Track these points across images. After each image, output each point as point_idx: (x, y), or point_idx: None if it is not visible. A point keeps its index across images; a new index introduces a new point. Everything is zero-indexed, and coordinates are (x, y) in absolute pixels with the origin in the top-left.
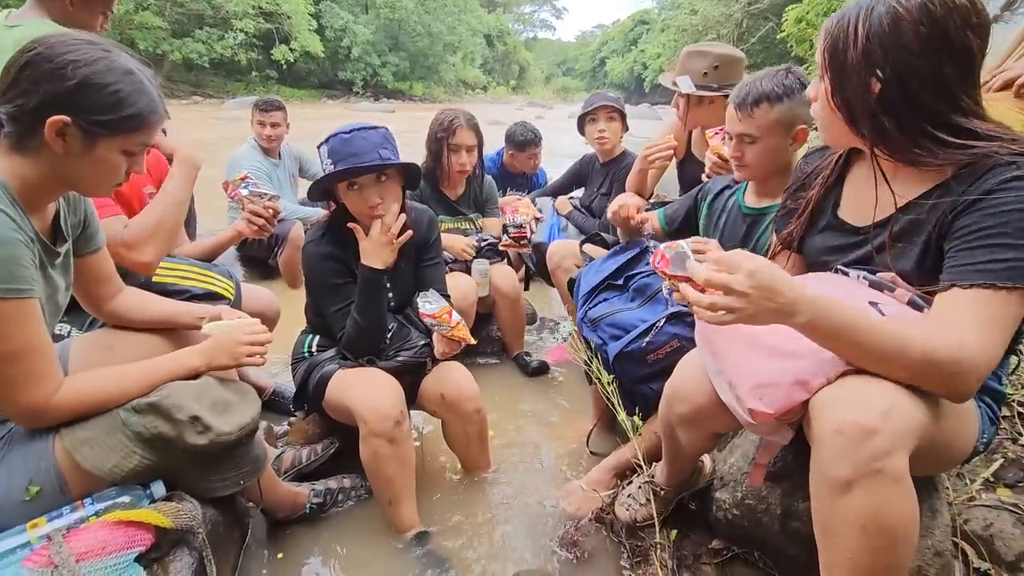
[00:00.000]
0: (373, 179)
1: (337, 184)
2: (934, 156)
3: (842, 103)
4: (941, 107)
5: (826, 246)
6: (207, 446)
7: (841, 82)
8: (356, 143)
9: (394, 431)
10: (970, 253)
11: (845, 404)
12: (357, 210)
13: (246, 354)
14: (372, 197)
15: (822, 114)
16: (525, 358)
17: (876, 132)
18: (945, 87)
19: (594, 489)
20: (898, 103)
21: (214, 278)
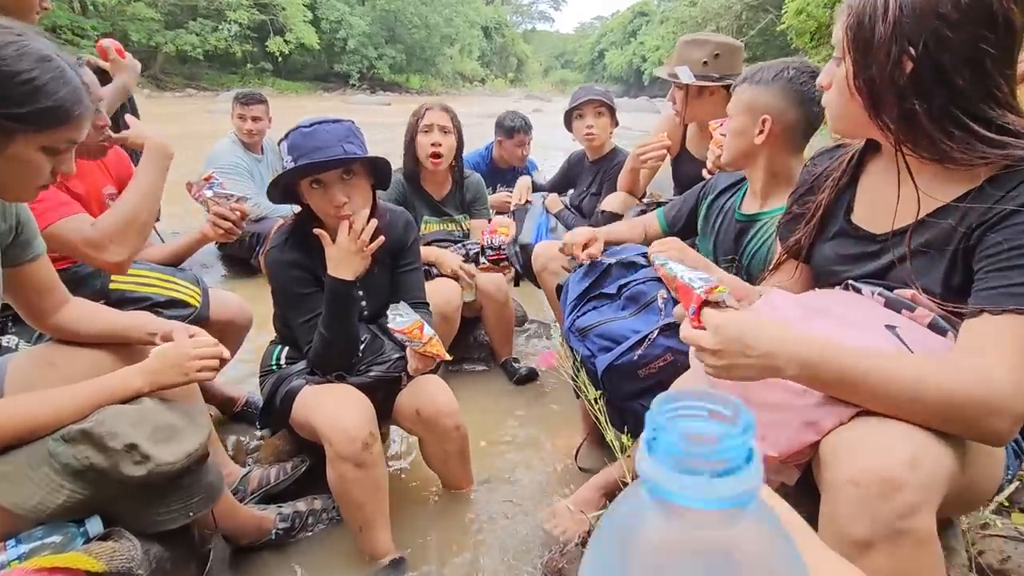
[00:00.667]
0: (338, 176)
1: (299, 183)
2: (968, 151)
3: (865, 85)
4: (976, 92)
5: (838, 255)
6: (146, 477)
7: (866, 61)
8: (318, 136)
9: (362, 454)
10: (1003, 274)
11: (863, 449)
12: (322, 211)
13: (197, 368)
14: (337, 196)
15: (838, 101)
16: (513, 365)
17: (904, 119)
18: (982, 68)
19: (581, 510)
20: (931, 84)
21: (179, 284)
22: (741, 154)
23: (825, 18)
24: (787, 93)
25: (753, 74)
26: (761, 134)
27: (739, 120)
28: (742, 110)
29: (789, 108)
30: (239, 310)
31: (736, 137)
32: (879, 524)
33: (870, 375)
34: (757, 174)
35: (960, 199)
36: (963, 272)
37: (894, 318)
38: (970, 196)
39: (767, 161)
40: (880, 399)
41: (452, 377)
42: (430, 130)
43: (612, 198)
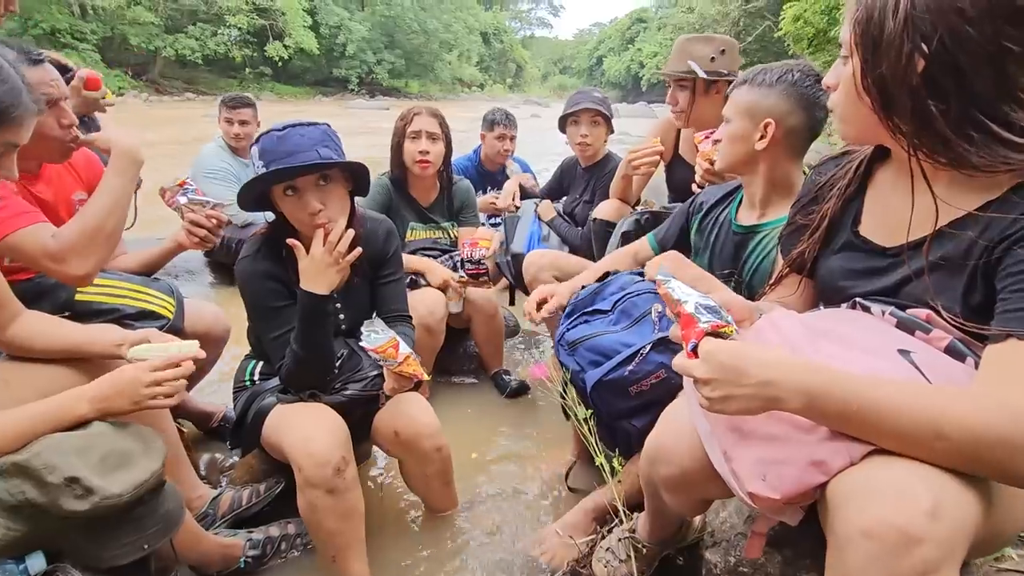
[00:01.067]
0: (313, 182)
1: (272, 190)
2: (989, 156)
3: (874, 85)
4: (997, 93)
5: (844, 269)
6: (91, 511)
7: (875, 59)
8: (291, 141)
9: (334, 480)
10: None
11: (877, 496)
12: (297, 219)
13: (150, 396)
14: (312, 203)
15: (845, 103)
16: (504, 377)
17: (917, 120)
18: (1003, 67)
19: (570, 536)
20: (947, 84)
21: (151, 295)
22: (740, 161)
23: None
24: (791, 96)
25: (754, 76)
26: (763, 139)
27: (739, 124)
28: (742, 113)
29: (793, 112)
30: (215, 320)
31: (735, 143)
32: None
33: (884, 409)
34: (756, 182)
35: (981, 209)
36: (984, 290)
37: (908, 341)
38: (992, 206)
39: (767, 168)
40: (896, 437)
41: (440, 390)
42: (418, 137)
43: (604, 206)
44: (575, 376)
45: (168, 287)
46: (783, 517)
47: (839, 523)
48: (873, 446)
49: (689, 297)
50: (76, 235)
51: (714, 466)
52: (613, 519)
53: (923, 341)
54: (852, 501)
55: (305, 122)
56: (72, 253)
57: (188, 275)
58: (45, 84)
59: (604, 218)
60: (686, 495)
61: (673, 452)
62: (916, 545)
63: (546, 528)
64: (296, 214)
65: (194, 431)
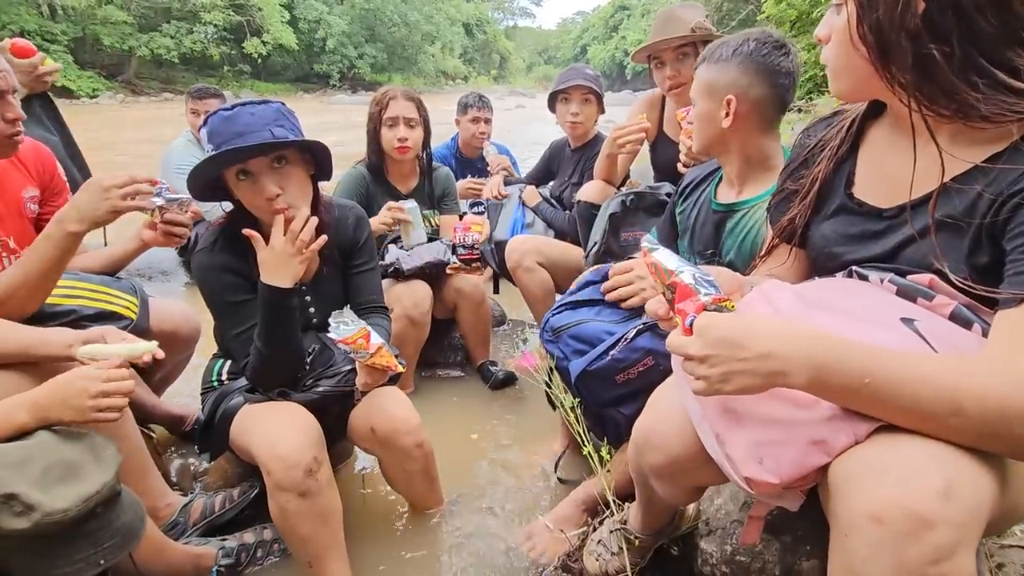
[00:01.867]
0: (268, 164)
1: (226, 176)
2: (996, 105)
3: (872, 32)
4: (1003, 36)
5: (838, 234)
6: (33, 529)
7: (872, 4)
8: (241, 120)
9: (305, 482)
10: None
11: (884, 476)
12: (254, 206)
13: (97, 408)
14: (268, 187)
15: (838, 54)
16: (490, 368)
17: (919, 68)
18: (1009, 7)
19: (561, 529)
20: (949, 26)
21: (112, 294)
22: (711, 141)
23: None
24: (749, 68)
25: (711, 53)
26: (728, 116)
27: (703, 105)
28: (704, 93)
29: (753, 84)
30: (184, 320)
31: (703, 123)
32: (907, 571)
33: (896, 382)
34: (731, 159)
35: (988, 161)
36: (990, 250)
37: (910, 309)
38: (1001, 158)
39: (739, 145)
40: (909, 412)
41: (424, 384)
42: (395, 124)
43: (589, 187)
44: (560, 364)
45: (131, 286)
46: (782, 502)
47: (843, 507)
48: (879, 423)
49: (684, 267)
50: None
51: (707, 451)
52: (604, 510)
53: (926, 308)
54: (857, 483)
55: (256, 100)
56: None
57: (162, 275)
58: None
59: (588, 200)
60: (677, 483)
61: (662, 438)
62: (928, 529)
63: (536, 522)
64: (253, 200)
65: (166, 435)
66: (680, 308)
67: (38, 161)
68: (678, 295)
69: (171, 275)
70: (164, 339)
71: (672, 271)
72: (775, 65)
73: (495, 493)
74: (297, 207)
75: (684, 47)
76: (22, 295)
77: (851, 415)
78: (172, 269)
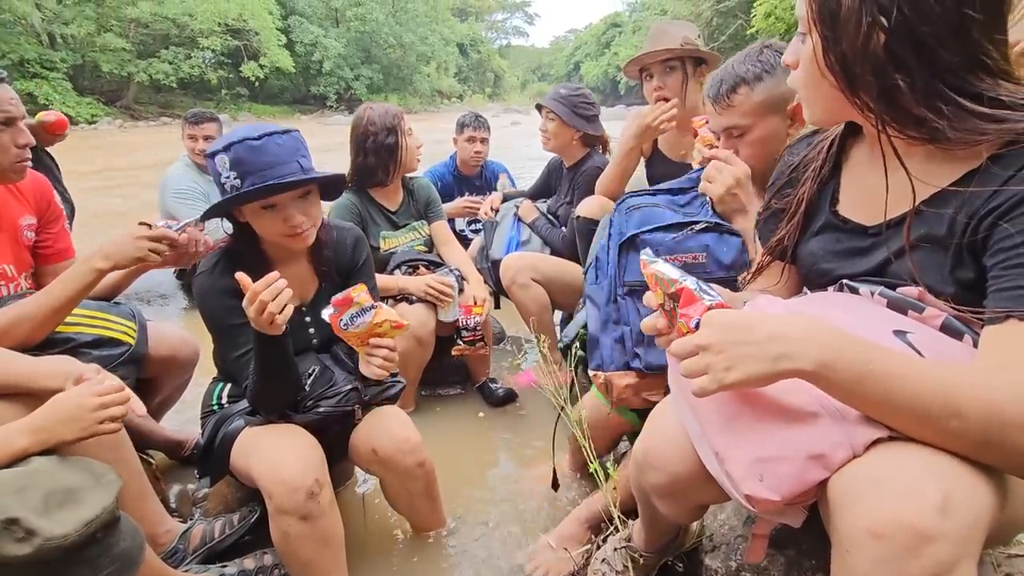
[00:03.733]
0: (295, 196)
1: (245, 207)
2: (961, 128)
3: (837, 62)
4: (963, 63)
5: (826, 251)
6: (33, 555)
7: (835, 35)
8: (270, 150)
9: (307, 505)
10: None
11: (882, 491)
12: (272, 232)
13: (98, 421)
14: (295, 217)
15: (807, 82)
16: (490, 386)
17: (883, 96)
18: (968, 36)
19: (565, 548)
20: (910, 57)
21: (110, 320)
22: (773, 158)
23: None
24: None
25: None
26: (795, 122)
27: (762, 127)
28: (757, 116)
29: None
30: (182, 344)
31: (766, 144)
32: None
33: (899, 379)
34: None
35: (960, 182)
36: (972, 266)
37: (902, 322)
38: (973, 178)
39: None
40: (908, 412)
41: (425, 403)
42: (412, 134)
43: (587, 202)
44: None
45: (129, 311)
46: (785, 519)
47: (843, 523)
48: (877, 434)
49: (686, 277)
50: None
51: (707, 470)
52: (608, 527)
53: (917, 320)
54: (856, 498)
55: (278, 129)
56: None
57: (160, 299)
58: (5, 101)
59: (587, 215)
60: (679, 502)
61: (662, 457)
62: (927, 544)
63: (539, 541)
64: (273, 228)
65: (165, 461)
66: (685, 313)
67: (35, 189)
68: (683, 301)
69: (169, 299)
70: (163, 363)
71: (675, 279)
72: None
73: (496, 512)
74: (316, 226)
75: (671, 61)
76: (32, 325)
77: (849, 427)
78: (171, 293)
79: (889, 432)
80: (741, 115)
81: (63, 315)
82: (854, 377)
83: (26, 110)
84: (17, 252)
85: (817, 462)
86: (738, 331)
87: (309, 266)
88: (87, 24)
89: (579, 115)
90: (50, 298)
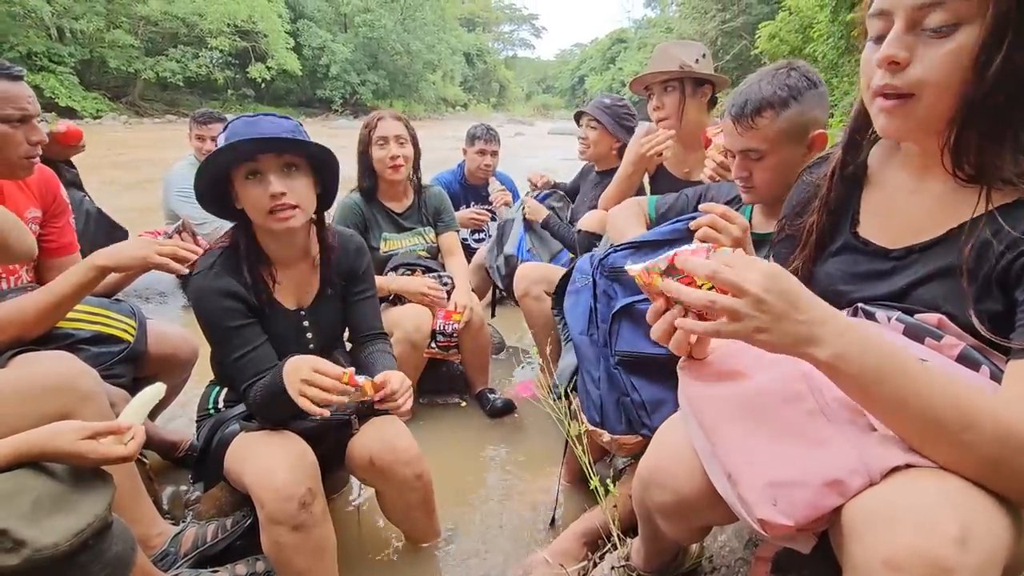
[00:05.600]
0: (279, 167)
1: (234, 181)
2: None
3: (1007, 70)
4: None
5: (844, 273)
6: (23, 565)
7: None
8: (263, 124)
9: (299, 515)
10: None
11: (901, 521)
12: (257, 207)
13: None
14: (275, 184)
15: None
16: (488, 396)
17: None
18: None
19: (560, 563)
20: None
21: (110, 317)
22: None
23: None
24: (819, 99)
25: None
26: (812, 150)
27: (780, 153)
28: (777, 143)
29: (824, 112)
30: (182, 342)
31: (780, 171)
32: None
33: (914, 382)
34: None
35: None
36: (1001, 299)
37: (919, 350)
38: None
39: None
40: (921, 419)
41: (422, 411)
42: (386, 143)
43: (589, 217)
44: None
45: (129, 309)
46: (794, 544)
47: (858, 551)
48: (894, 464)
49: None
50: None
51: (716, 490)
52: (605, 544)
53: (933, 349)
54: (872, 527)
55: (278, 115)
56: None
57: (159, 297)
58: (22, 99)
59: (589, 230)
60: (684, 522)
61: (669, 476)
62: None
63: (535, 556)
64: (258, 201)
65: (159, 461)
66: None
67: (42, 182)
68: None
69: (169, 296)
70: (162, 362)
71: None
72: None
73: (492, 525)
74: (303, 209)
75: (671, 82)
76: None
77: (867, 452)
78: (170, 291)
79: (907, 460)
80: (763, 139)
81: (62, 312)
82: (868, 375)
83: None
84: None
85: (833, 489)
86: (793, 306)
87: (310, 269)
88: (96, 20)
89: (622, 126)
90: (50, 295)
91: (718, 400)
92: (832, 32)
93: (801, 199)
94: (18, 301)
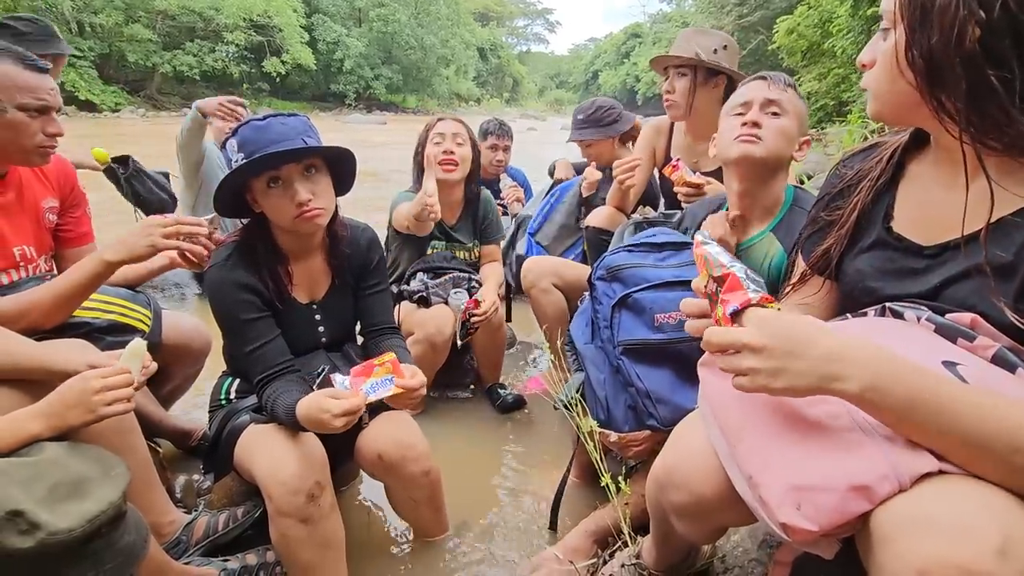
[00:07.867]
0: (300, 172)
1: (252, 187)
2: None
3: (922, 57)
4: None
5: (875, 269)
6: (36, 548)
7: (924, 29)
8: (274, 129)
9: (307, 508)
10: None
11: (936, 530)
12: (281, 213)
13: (105, 403)
14: (301, 192)
15: (881, 79)
16: (499, 391)
17: (972, 96)
18: None
19: (570, 560)
20: (1006, 51)
21: (127, 307)
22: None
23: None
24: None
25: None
26: (800, 152)
27: (792, 123)
28: (794, 114)
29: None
30: (196, 333)
31: (782, 138)
32: None
33: (955, 407)
34: (761, 193)
35: None
36: None
37: (952, 351)
38: None
39: (780, 180)
40: (965, 443)
41: (433, 405)
42: (441, 140)
43: (597, 213)
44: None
45: (146, 299)
46: (817, 550)
47: (889, 560)
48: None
49: (735, 263)
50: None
51: (735, 491)
52: (616, 542)
53: (967, 350)
54: (905, 535)
55: (285, 113)
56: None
57: (175, 287)
58: (43, 90)
59: (597, 226)
60: (701, 523)
61: (686, 477)
62: None
63: (544, 552)
64: (281, 208)
65: (172, 450)
66: (725, 298)
67: (59, 172)
68: (727, 287)
69: (184, 287)
70: (176, 352)
71: (723, 264)
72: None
73: (501, 520)
74: (328, 211)
75: (683, 67)
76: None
77: (896, 458)
78: (184, 282)
79: (939, 466)
80: (788, 101)
81: (75, 304)
82: (905, 403)
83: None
84: (38, 234)
85: (860, 494)
86: (793, 343)
87: (323, 262)
88: (115, 14)
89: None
90: (61, 287)
91: (740, 400)
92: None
93: (832, 191)
94: (32, 292)
